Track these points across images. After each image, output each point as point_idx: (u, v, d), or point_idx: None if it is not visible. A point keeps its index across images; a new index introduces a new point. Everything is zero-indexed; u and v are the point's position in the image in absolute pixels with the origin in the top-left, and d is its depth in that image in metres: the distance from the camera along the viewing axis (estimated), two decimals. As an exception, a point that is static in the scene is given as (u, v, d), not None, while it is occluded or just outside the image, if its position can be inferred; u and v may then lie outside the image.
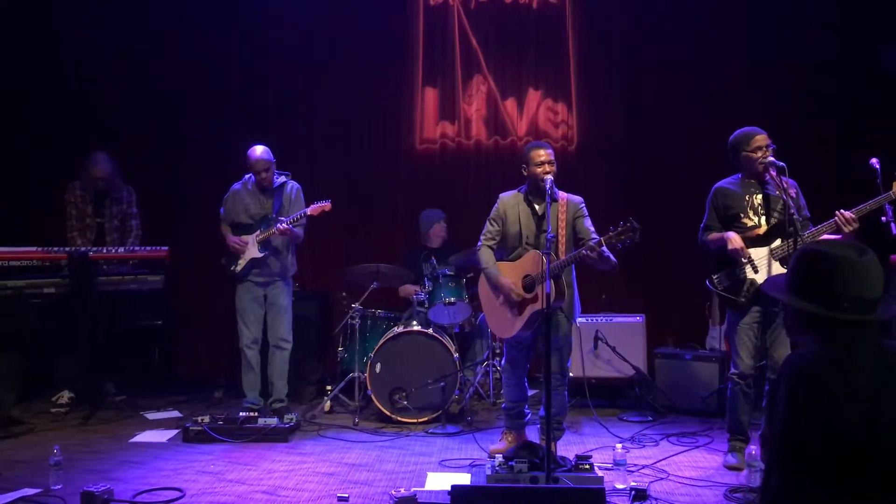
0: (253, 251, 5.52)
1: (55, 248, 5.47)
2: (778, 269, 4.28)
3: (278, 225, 5.37)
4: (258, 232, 5.52)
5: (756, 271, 4.31)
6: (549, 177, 4.39)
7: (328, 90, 7.11)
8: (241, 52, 7.11)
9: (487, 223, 4.66)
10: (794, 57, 6.75)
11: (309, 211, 5.44)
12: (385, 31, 7.14)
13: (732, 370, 4.48)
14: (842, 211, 4.14)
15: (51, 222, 6.03)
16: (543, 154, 4.47)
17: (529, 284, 4.39)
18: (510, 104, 7.16)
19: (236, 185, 5.70)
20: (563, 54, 7.10)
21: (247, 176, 5.65)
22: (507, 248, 4.62)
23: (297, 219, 5.43)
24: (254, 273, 5.58)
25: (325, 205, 5.45)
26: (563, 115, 7.14)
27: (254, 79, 7.13)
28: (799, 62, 6.73)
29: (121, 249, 5.70)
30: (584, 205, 4.58)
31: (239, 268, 5.56)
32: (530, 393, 4.96)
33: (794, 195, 4.28)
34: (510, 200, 4.62)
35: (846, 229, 4.11)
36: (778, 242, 4.30)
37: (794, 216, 4.08)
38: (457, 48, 7.14)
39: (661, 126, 6.97)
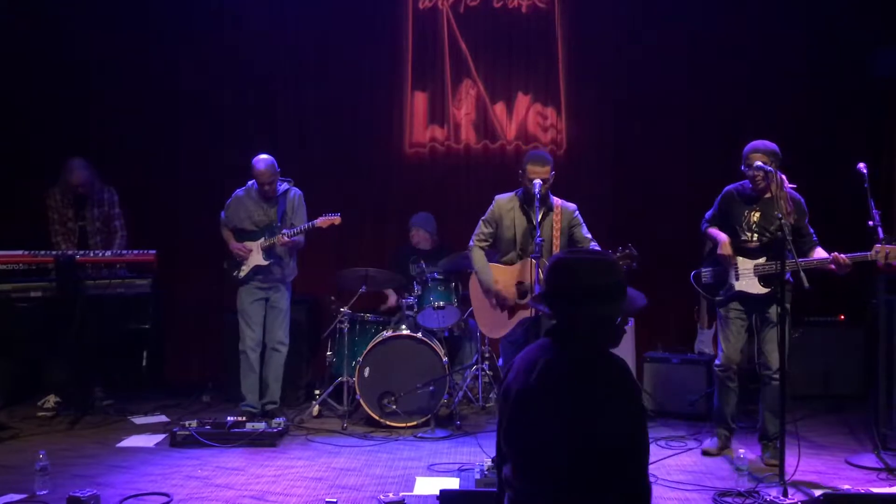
0: (257, 258, 5.53)
1: (42, 252, 5.44)
2: (756, 285, 4.44)
3: (282, 238, 5.40)
4: (262, 239, 5.52)
5: (737, 279, 4.50)
6: (538, 181, 4.40)
7: (318, 94, 7.09)
8: (232, 55, 7.07)
9: (481, 224, 4.73)
10: (787, 62, 6.78)
11: (318, 223, 5.45)
12: (374, 36, 7.13)
13: (716, 361, 4.73)
14: (838, 254, 4.24)
15: (37, 225, 5.98)
16: (539, 168, 4.51)
17: (523, 292, 4.43)
18: (499, 108, 7.16)
19: (239, 192, 5.68)
20: (552, 58, 7.11)
21: (250, 182, 5.63)
22: (498, 251, 4.68)
23: (304, 230, 5.46)
24: (257, 278, 5.59)
25: (335, 218, 5.46)
26: (552, 119, 7.15)
27: (245, 82, 7.10)
28: (792, 67, 6.77)
29: (108, 253, 5.68)
30: (578, 213, 4.65)
31: (242, 274, 5.56)
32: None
33: (791, 220, 4.31)
34: (506, 204, 4.67)
35: (840, 272, 4.27)
36: (762, 260, 4.41)
37: (787, 235, 4.09)
38: (446, 52, 7.14)
39: (649, 130, 6.98)
